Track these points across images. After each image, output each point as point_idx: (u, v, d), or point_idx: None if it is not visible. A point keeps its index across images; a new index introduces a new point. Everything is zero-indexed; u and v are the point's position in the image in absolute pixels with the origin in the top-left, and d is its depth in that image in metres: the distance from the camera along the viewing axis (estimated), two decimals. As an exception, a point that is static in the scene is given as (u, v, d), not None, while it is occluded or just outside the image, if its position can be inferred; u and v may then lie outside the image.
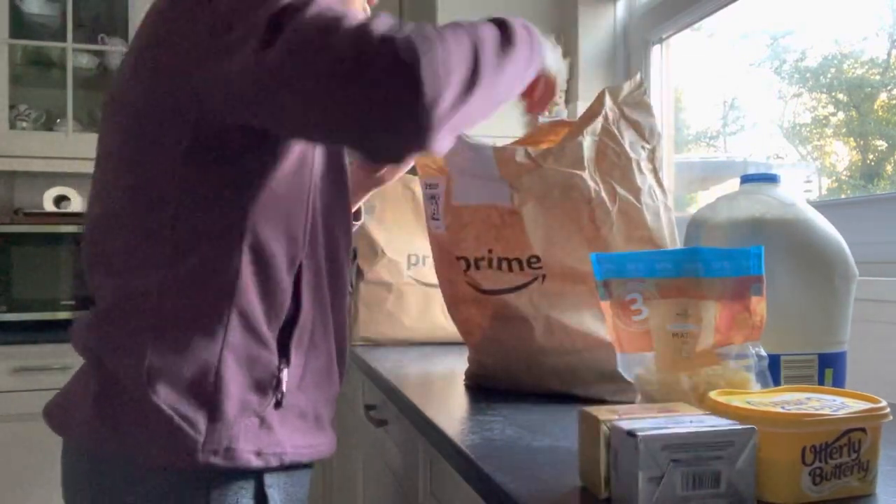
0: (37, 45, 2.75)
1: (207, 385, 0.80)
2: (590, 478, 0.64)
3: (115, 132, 0.86)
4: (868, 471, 0.62)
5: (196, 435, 0.79)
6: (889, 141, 1.49)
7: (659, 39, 2.00)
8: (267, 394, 0.84)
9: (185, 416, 0.79)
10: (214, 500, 0.81)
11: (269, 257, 0.83)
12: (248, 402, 0.82)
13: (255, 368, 0.83)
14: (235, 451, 0.80)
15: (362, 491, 1.76)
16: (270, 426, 0.83)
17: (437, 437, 0.90)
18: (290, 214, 0.85)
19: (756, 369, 0.76)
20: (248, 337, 0.82)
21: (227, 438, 0.80)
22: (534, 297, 1.07)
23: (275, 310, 0.84)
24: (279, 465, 0.84)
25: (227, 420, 0.80)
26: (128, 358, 0.80)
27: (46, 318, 2.50)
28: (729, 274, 0.75)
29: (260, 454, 0.82)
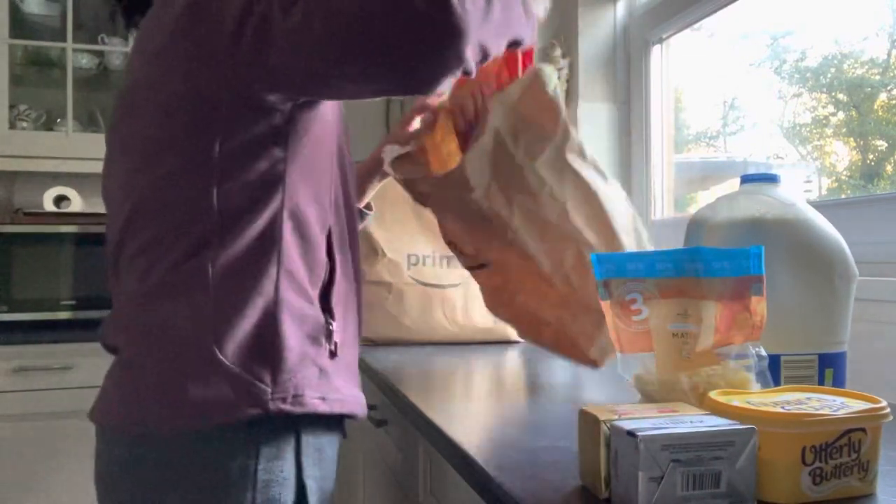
0: (37, 45, 2.75)
1: (268, 341, 0.85)
2: (590, 478, 0.64)
3: (141, 125, 0.89)
4: (868, 471, 0.62)
5: (265, 386, 0.84)
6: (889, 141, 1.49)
7: (659, 39, 2.00)
8: (322, 345, 0.90)
9: (252, 370, 0.84)
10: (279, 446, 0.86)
11: (306, 222, 0.90)
12: (307, 353, 0.88)
13: (306, 323, 0.89)
14: (303, 397, 0.86)
15: (362, 491, 1.76)
16: (329, 375, 0.90)
17: (437, 437, 0.90)
18: (319, 181, 0.92)
19: (756, 369, 0.76)
20: (296, 295, 0.88)
21: (293, 387, 0.86)
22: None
23: (315, 271, 0.91)
24: (342, 410, 0.91)
25: (291, 370, 0.86)
26: (192, 328, 0.84)
27: (46, 318, 2.50)
28: (729, 274, 0.75)
29: (325, 399, 0.89)
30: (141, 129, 0.89)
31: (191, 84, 0.84)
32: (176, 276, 0.86)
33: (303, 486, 0.89)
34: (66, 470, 2.34)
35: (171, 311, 0.86)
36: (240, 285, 0.85)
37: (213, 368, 0.83)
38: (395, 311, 1.71)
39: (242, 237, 0.85)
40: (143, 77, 0.90)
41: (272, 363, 0.85)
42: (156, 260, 0.87)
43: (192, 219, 0.85)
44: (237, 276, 0.85)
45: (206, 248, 0.85)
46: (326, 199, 0.93)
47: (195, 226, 0.85)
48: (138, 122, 0.90)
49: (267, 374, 0.85)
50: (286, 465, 0.88)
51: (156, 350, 0.86)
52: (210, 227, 0.85)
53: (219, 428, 0.84)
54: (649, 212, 2.01)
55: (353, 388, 0.95)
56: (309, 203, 0.90)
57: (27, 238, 2.50)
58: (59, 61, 2.73)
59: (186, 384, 0.83)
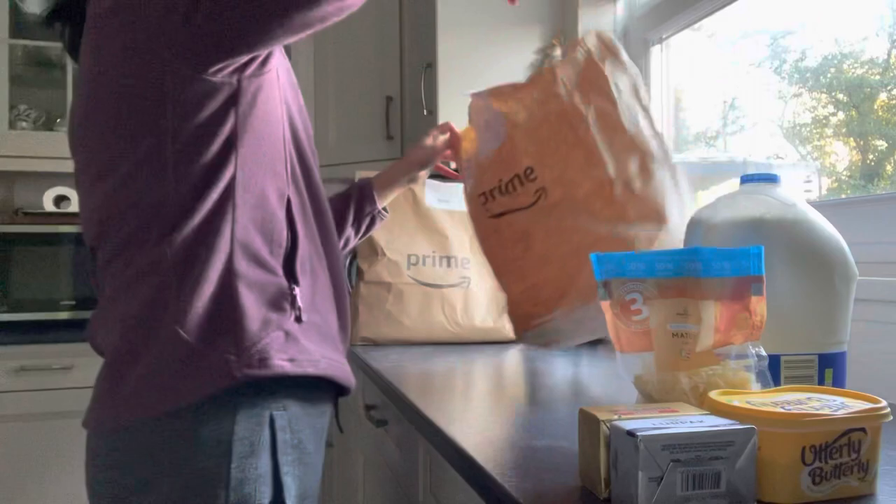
0: (37, 45, 2.75)
1: (226, 311, 0.87)
2: (590, 478, 0.64)
3: (94, 134, 0.92)
4: (868, 471, 0.62)
5: (229, 356, 0.85)
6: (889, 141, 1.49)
7: (659, 39, 2.00)
8: (285, 309, 0.90)
9: (216, 343, 0.85)
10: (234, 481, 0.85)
11: (261, 194, 0.91)
12: (269, 319, 0.89)
13: (266, 291, 0.89)
14: (269, 359, 0.87)
15: (362, 491, 1.76)
16: (296, 338, 0.90)
17: (437, 437, 0.90)
18: (272, 152, 0.93)
19: (756, 369, 0.76)
20: (253, 266, 0.89)
21: (257, 352, 0.86)
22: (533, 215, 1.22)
23: (275, 240, 0.91)
24: (315, 371, 0.90)
25: (254, 336, 0.87)
26: (157, 315, 0.86)
27: (46, 318, 2.50)
28: (729, 274, 0.75)
29: (293, 360, 0.89)
30: (94, 138, 0.92)
31: (134, 78, 0.87)
32: (142, 270, 0.88)
33: (280, 483, 0.89)
34: (66, 470, 2.34)
35: (139, 304, 0.88)
36: (194, 264, 0.87)
37: (180, 349, 0.85)
38: (395, 311, 1.71)
39: (194, 217, 0.87)
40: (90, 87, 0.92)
41: (234, 333, 0.86)
42: (127, 261, 0.90)
43: (154, 213, 0.88)
44: (191, 255, 0.87)
45: (166, 235, 0.87)
46: (281, 168, 0.94)
47: (156, 219, 0.87)
48: (91, 132, 0.92)
49: (231, 345, 0.86)
50: (261, 463, 0.87)
51: (130, 344, 0.88)
52: (169, 216, 0.87)
53: (191, 410, 0.85)
54: (649, 212, 2.01)
55: (329, 351, 0.95)
56: (263, 175, 0.91)
57: (27, 238, 2.50)
58: (59, 61, 2.73)
59: (158, 370, 0.85)
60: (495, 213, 1.26)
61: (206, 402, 0.85)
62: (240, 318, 0.87)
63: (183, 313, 0.86)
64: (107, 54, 0.88)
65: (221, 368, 0.85)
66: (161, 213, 0.87)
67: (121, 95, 0.88)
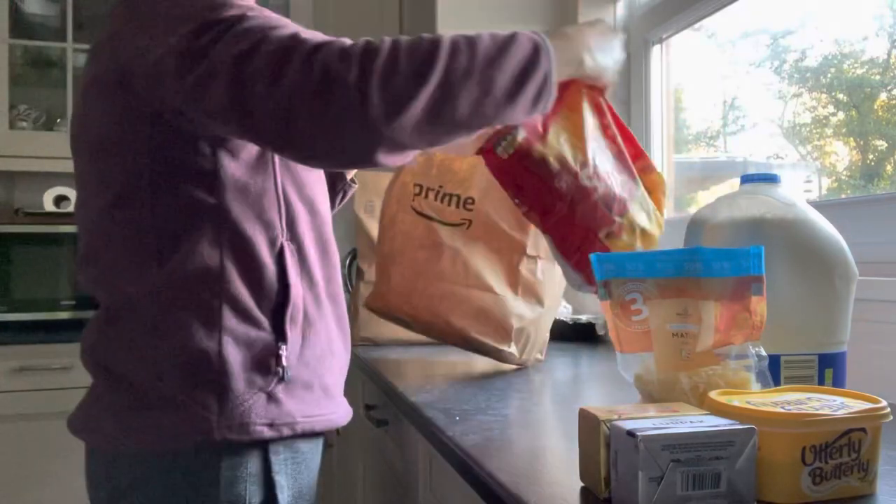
0: (37, 45, 2.75)
1: (212, 369, 0.85)
2: (590, 478, 0.64)
3: (83, 160, 0.92)
4: (868, 471, 0.62)
5: (209, 415, 0.84)
6: (889, 141, 1.49)
7: (659, 39, 2.00)
8: (270, 371, 0.88)
9: (197, 399, 0.84)
10: (225, 472, 0.85)
11: (248, 244, 0.88)
12: (253, 381, 0.87)
13: (253, 349, 0.87)
14: (248, 424, 0.85)
15: (362, 491, 1.76)
16: (278, 400, 0.88)
17: (437, 437, 0.90)
18: (260, 200, 0.89)
19: (756, 369, 0.76)
20: (241, 321, 0.87)
21: (238, 415, 0.85)
22: (454, 234, 1.32)
23: (263, 292, 0.88)
24: (291, 434, 0.89)
25: (236, 398, 0.85)
26: (137, 356, 0.86)
27: (46, 318, 2.50)
28: (729, 274, 0.75)
29: (272, 425, 0.87)
30: (83, 163, 0.92)
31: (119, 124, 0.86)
32: (118, 305, 0.88)
33: (272, 482, 0.89)
34: (66, 470, 2.34)
35: (112, 341, 0.88)
36: (179, 314, 0.85)
37: (156, 398, 0.85)
38: (395, 311, 1.70)
39: (180, 265, 0.85)
40: (81, 110, 0.93)
41: (217, 391, 0.85)
42: (108, 290, 0.90)
43: (133, 249, 0.86)
44: (176, 305, 0.85)
45: (146, 277, 0.86)
46: (274, 216, 0.90)
47: (135, 255, 0.86)
48: (81, 157, 0.93)
49: (213, 402, 0.84)
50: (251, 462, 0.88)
51: (108, 380, 0.88)
52: (146, 258, 0.86)
53: (172, 451, 0.85)
54: (649, 212, 2.01)
55: (312, 408, 0.92)
56: (251, 224, 0.88)
57: (27, 238, 2.50)
58: (59, 61, 2.73)
59: (136, 412, 0.85)
60: (420, 211, 1.34)
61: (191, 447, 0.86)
62: (225, 375, 0.85)
63: (163, 364, 0.85)
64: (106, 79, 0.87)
65: (201, 426, 0.84)
66: (139, 254, 0.86)
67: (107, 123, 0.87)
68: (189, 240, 0.85)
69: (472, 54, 0.76)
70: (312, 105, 0.72)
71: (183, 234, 0.85)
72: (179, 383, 0.84)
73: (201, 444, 0.85)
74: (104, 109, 0.87)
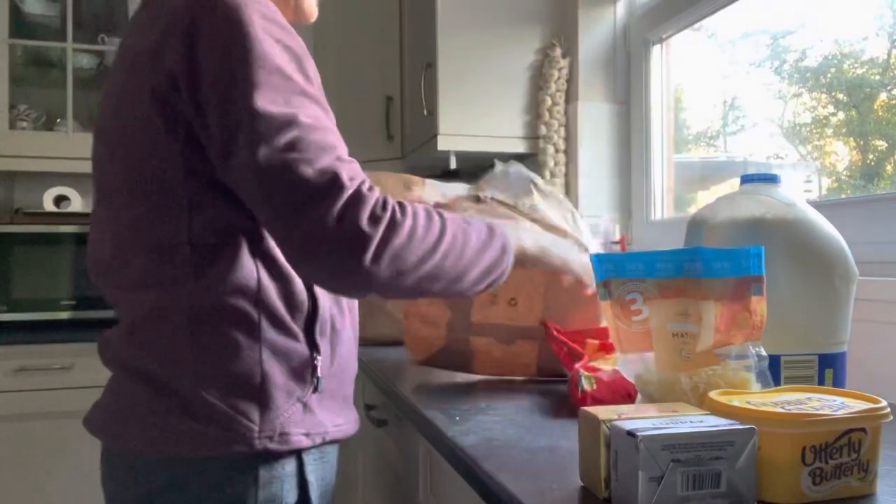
0: (37, 45, 2.75)
1: (255, 380, 0.86)
2: (590, 478, 0.64)
3: (116, 165, 0.90)
4: (868, 471, 0.62)
5: (251, 424, 0.86)
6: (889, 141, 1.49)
7: (659, 39, 2.00)
8: (306, 381, 0.90)
9: (240, 409, 0.85)
10: (262, 483, 0.88)
11: (279, 258, 0.89)
12: (292, 391, 0.89)
13: (291, 360, 0.89)
14: (288, 435, 0.88)
15: (362, 491, 1.76)
16: (312, 409, 0.91)
17: (437, 437, 0.90)
18: None
19: (756, 369, 0.76)
20: (279, 333, 0.88)
21: (279, 425, 0.87)
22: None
23: (295, 305, 0.90)
24: (322, 442, 0.92)
25: (277, 408, 0.87)
26: (175, 365, 0.87)
27: (46, 318, 2.50)
28: (729, 274, 0.75)
29: (308, 435, 0.90)
30: (115, 173, 0.90)
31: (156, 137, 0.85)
32: (153, 312, 0.88)
33: (305, 482, 0.91)
34: (66, 470, 2.34)
35: (151, 348, 0.88)
36: (219, 324, 0.86)
37: (198, 407, 0.85)
38: (396, 311, 1.70)
39: (219, 279, 0.86)
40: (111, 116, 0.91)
41: (259, 401, 0.86)
42: (137, 298, 0.89)
43: (167, 260, 0.86)
44: (215, 316, 0.86)
45: (182, 289, 0.86)
46: None
47: (170, 266, 0.86)
48: (114, 165, 0.90)
49: (255, 412, 0.86)
50: (287, 462, 0.89)
51: (144, 384, 0.88)
52: (185, 269, 0.86)
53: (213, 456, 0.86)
54: (649, 212, 2.01)
55: (337, 417, 0.95)
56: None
57: (27, 238, 2.50)
58: (59, 61, 2.73)
59: (179, 418, 0.86)
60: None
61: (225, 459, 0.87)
62: (267, 387, 0.87)
63: (203, 374, 0.86)
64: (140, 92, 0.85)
65: (243, 435, 0.85)
66: (174, 266, 0.86)
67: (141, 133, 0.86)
68: (226, 254, 0.86)
69: (462, 254, 0.89)
70: (330, 252, 0.78)
71: (220, 248, 0.86)
72: (223, 393, 0.85)
73: (239, 457, 0.86)
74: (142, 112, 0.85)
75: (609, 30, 2.10)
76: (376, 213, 0.79)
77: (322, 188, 0.77)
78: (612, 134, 2.09)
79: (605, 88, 2.09)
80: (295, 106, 0.80)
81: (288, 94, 0.80)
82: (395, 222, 0.80)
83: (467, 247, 0.90)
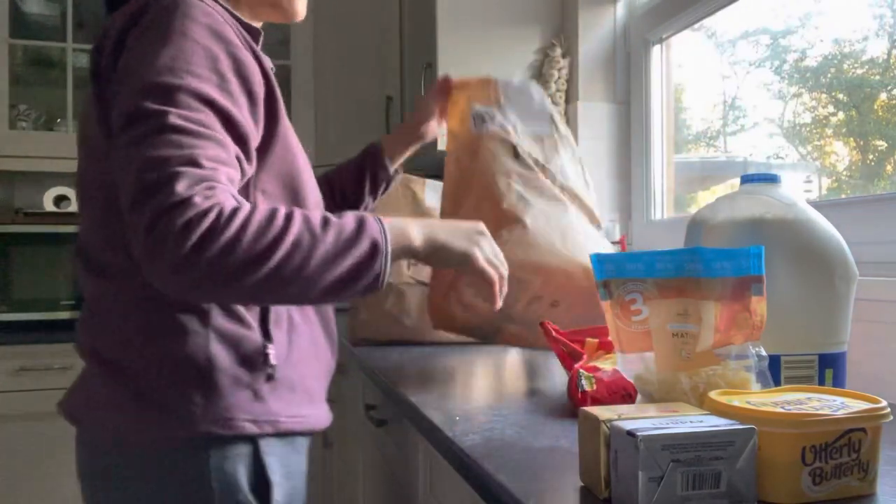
0: (37, 45, 2.75)
1: (200, 364, 0.88)
2: (590, 478, 0.64)
3: (81, 162, 0.96)
4: (868, 471, 0.62)
5: (194, 408, 0.87)
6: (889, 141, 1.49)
7: (659, 39, 2.00)
8: (257, 368, 0.91)
9: (185, 393, 0.87)
10: (214, 465, 0.88)
11: None
12: (240, 377, 0.90)
13: (241, 346, 0.90)
14: (232, 419, 0.88)
15: (362, 491, 1.76)
16: (263, 398, 0.91)
17: (437, 437, 0.90)
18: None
19: (756, 369, 0.76)
20: (229, 319, 0.90)
21: (222, 409, 0.88)
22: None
23: None
24: (275, 431, 0.92)
25: (222, 393, 0.88)
26: (127, 350, 0.89)
27: (46, 318, 2.50)
28: (729, 274, 0.75)
29: (255, 422, 0.90)
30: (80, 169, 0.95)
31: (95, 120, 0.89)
32: (111, 301, 0.91)
33: (262, 465, 0.91)
34: (66, 469, 2.34)
35: (105, 330, 0.91)
36: (170, 310, 0.88)
37: (147, 391, 0.88)
38: (395, 311, 1.71)
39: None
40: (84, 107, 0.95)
41: (203, 386, 0.88)
42: (98, 284, 0.93)
43: (122, 251, 0.88)
44: (167, 305, 0.87)
45: (135, 279, 0.86)
46: None
47: (124, 257, 0.88)
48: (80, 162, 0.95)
49: (199, 396, 0.87)
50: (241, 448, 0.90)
51: (101, 367, 0.91)
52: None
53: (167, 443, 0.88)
54: (649, 212, 2.01)
55: (296, 407, 0.95)
56: None
57: (27, 238, 2.50)
58: (59, 61, 2.73)
59: (136, 404, 0.88)
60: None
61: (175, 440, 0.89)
62: (212, 373, 0.88)
63: (151, 358, 0.88)
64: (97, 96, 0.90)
65: (188, 419, 0.87)
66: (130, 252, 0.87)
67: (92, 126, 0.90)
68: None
69: (310, 255, 0.80)
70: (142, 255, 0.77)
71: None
72: (170, 378, 0.87)
73: (190, 438, 0.88)
74: (91, 112, 0.90)
75: (609, 30, 2.10)
76: (192, 222, 0.75)
77: (148, 190, 0.76)
78: (612, 134, 2.09)
79: (605, 88, 2.09)
80: (176, 102, 0.80)
81: (176, 91, 0.80)
82: (214, 231, 0.75)
83: (318, 248, 0.81)
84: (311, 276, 0.80)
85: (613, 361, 0.97)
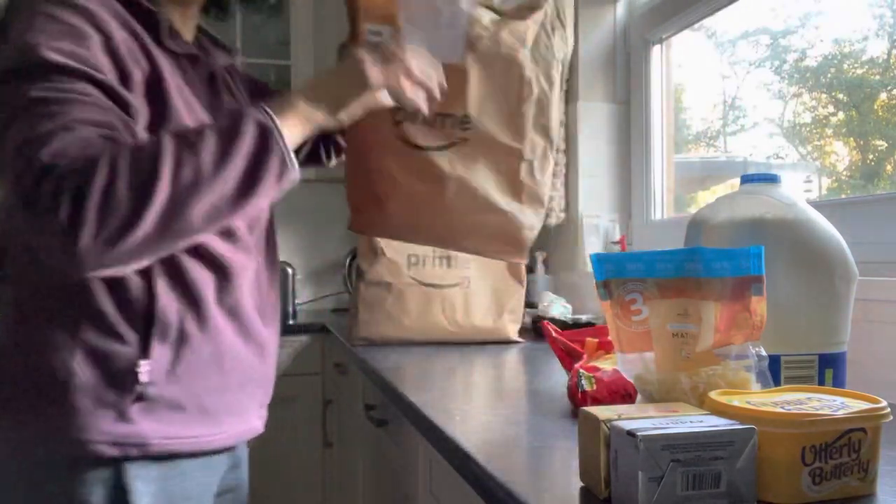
0: (37, 45, 2.74)
1: (59, 381, 0.84)
2: (590, 478, 0.64)
3: None
4: (868, 471, 0.62)
5: (50, 427, 0.83)
6: (889, 141, 1.49)
7: (659, 39, 2.00)
8: (125, 388, 0.85)
9: (41, 411, 0.84)
10: (69, 487, 0.84)
11: None
12: (102, 397, 0.84)
13: (109, 364, 0.85)
14: (87, 442, 0.83)
15: (362, 491, 1.76)
16: (130, 419, 0.85)
17: (437, 437, 0.90)
18: None
19: (756, 369, 0.75)
20: (101, 335, 0.85)
21: (78, 430, 0.83)
22: (453, 159, 1.16)
23: (130, 306, 0.86)
24: (142, 454, 0.86)
25: (79, 413, 0.83)
26: (4, 360, 0.87)
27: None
28: (729, 274, 0.75)
29: (117, 444, 0.84)
30: None
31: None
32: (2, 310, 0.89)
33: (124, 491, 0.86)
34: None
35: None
36: (39, 327, 0.85)
37: (12, 405, 0.85)
38: (395, 311, 1.71)
39: (44, 278, 0.85)
40: None
41: (60, 404, 0.83)
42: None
43: (7, 257, 0.88)
44: (37, 318, 0.85)
45: (15, 287, 0.86)
46: None
47: (9, 262, 0.87)
48: None
49: (55, 415, 0.83)
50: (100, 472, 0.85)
51: None
52: (18, 267, 0.87)
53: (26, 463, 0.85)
54: (649, 212, 2.01)
55: (184, 427, 0.89)
56: None
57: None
58: (59, 61, 2.73)
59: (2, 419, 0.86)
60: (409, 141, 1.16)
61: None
62: (68, 391, 0.83)
63: (15, 370, 0.86)
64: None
65: (42, 437, 0.84)
66: (13, 257, 0.87)
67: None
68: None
69: (198, 163, 0.76)
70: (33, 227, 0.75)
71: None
72: (31, 394, 0.84)
73: (49, 459, 0.84)
74: None
75: (609, 30, 2.10)
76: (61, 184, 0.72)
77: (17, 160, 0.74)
78: (612, 134, 2.09)
79: (605, 88, 2.09)
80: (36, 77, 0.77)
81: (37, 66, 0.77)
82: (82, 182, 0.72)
83: (201, 153, 0.76)
84: (211, 182, 0.76)
85: (613, 361, 0.97)
